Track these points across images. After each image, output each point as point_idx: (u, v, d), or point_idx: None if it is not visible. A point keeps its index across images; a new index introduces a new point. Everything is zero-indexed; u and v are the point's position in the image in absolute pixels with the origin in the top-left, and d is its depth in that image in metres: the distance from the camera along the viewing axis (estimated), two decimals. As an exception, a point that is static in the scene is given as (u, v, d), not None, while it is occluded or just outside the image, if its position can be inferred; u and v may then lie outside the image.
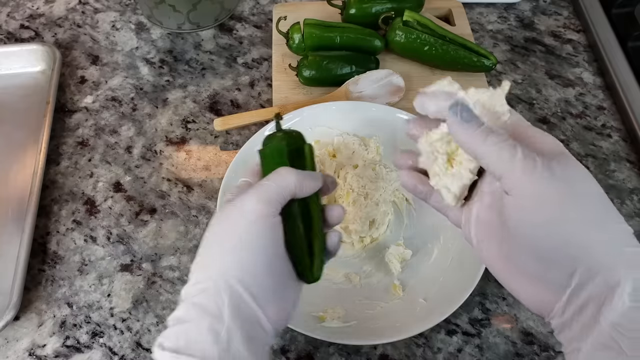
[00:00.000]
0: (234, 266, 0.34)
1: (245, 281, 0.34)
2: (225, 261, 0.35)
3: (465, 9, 0.75)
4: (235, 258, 0.35)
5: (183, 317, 0.34)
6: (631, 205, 0.58)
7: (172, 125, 0.65)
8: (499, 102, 0.34)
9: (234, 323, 0.33)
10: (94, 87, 0.69)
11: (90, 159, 0.62)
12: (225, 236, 0.36)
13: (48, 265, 0.54)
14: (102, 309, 0.52)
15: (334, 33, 0.65)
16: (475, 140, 0.32)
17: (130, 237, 0.56)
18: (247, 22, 0.76)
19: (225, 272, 0.34)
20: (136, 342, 0.50)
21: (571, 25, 0.76)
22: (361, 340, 0.47)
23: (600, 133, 0.64)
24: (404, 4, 0.68)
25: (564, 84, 0.69)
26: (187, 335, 0.33)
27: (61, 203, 0.59)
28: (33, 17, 0.77)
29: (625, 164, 0.61)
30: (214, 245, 0.36)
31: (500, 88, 0.34)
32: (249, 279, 0.34)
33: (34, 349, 0.50)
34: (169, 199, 0.59)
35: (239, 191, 0.38)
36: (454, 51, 0.64)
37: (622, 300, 0.28)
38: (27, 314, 0.52)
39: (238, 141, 0.63)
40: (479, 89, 0.35)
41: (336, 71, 0.64)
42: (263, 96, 0.68)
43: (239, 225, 0.35)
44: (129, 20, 0.76)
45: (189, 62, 0.71)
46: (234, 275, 0.34)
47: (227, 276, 0.34)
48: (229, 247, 0.35)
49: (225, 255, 0.35)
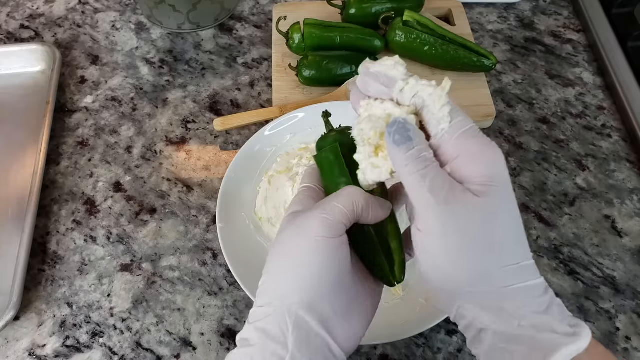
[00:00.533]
0: (297, 291, 0.33)
1: (310, 306, 0.33)
2: (288, 286, 0.33)
3: (465, 9, 0.75)
4: (298, 283, 0.33)
5: (248, 340, 0.33)
6: (631, 205, 0.58)
7: (172, 125, 0.65)
8: (437, 105, 0.32)
9: (298, 350, 0.32)
10: (94, 87, 0.69)
11: (90, 159, 0.62)
12: (288, 259, 0.34)
13: (48, 265, 0.54)
14: (102, 309, 0.52)
15: (334, 33, 0.65)
16: (398, 165, 0.32)
17: (130, 237, 0.56)
18: (247, 22, 0.76)
19: (288, 297, 0.33)
20: (136, 342, 0.50)
21: (571, 25, 0.76)
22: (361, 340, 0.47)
23: (600, 133, 0.64)
24: (404, 4, 0.68)
25: (564, 84, 0.69)
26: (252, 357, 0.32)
27: (61, 203, 0.59)
28: (33, 17, 0.77)
29: (625, 164, 0.62)
30: (278, 268, 0.35)
31: (440, 87, 0.32)
32: (314, 303, 0.33)
33: (34, 349, 0.50)
34: (169, 199, 0.59)
35: (303, 202, 0.37)
36: (454, 51, 0.64)
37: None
38: (27, 314, 0.52)
39: (238, 141, 0.63)
40: (421, 81, 0.32)
41: (336, 71, 0.64)
42: (263, 96, 0.68)
43: (303, 248, 0.34)
44: (129, 20, 0.76)
45: (189, 62, 0.71)
46: (297, 301, 0.33)
47: (291, 302, 0.33)
48: (292, 272, 0.34)
49: (288, 280, 0.34)
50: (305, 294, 0.33)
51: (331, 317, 0.33)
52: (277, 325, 0.32)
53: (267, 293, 0.34)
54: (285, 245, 0.35)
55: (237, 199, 0.55)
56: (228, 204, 0.54)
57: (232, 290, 0.53)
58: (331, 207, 0.35)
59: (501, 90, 0.68)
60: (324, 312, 0.33)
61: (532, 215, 0.57)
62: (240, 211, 0.54)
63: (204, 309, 0.52)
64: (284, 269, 0.34)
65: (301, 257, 0.34)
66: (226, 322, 0.51)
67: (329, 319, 0.33)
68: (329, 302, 0.33)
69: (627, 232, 0.56)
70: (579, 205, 0.58)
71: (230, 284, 0.53)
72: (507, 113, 0.66)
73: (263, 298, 0.34)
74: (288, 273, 0.34)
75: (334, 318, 0.34)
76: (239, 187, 0.56)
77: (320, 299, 0.33)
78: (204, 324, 0.51)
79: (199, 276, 0.54)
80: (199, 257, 0.55)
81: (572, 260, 0.54)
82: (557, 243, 0.56)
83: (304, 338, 0.32)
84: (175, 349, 0.49)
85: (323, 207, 0.35)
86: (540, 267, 0.54)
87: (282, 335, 0.32)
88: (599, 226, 0.57)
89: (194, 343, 0.50)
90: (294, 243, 0.34)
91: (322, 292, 0.33)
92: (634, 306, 0.52)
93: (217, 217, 0.52)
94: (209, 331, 0.50)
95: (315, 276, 0.33)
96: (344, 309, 0.34)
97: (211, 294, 0.52)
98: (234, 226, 0.53)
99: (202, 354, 0.49)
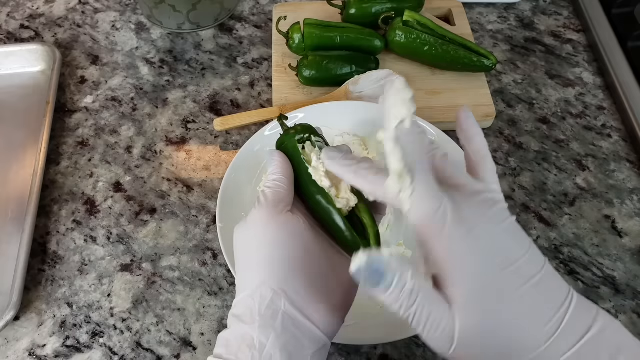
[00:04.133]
0: (258, 276, 0.35)
1: (275, 285, 0.34)
2: (250, 274, 0.35)
3: (465, 9, 0.75)
4: (257, 269, 0.35)
5: (228, 326, 0.35)
6: (631, 205, 0.58)
7: (172, 125, 0.65)
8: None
9: (264, 329, 0.33)
10: (94, 87, 0.69)
11: (90, 159, 0.62)
12: (244, 253, 0.37)
13: (48, 265, 0.54)
14: (102, 309, 0.52)
15: (334, 33, 0.65)
16: (385, 302, 0.30)
17: (130, 237, 0.56)
18: (247, 22, 0.76)
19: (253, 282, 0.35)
20: (136, 342, 0.50)
21: (571, 25, 0.76)
22: (361, 340, 0.47)
23: (600, 133, 0.64)
24: (404, 4, 0.68)
25: (564, 84, 0.69)
26: (227, 342, 0.34)
27: (61, 203, 0.59)
28: (33, 17, 0.77)
29: (625, 164, 0.61)
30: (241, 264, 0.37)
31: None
32: (278, 283, 0.34)
33: (34, 349, 0.50)
34: (169, 199, 0.59)
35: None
36: (454, 51, 0.64)
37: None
38: (27, 314, 0.52)
39: (238, 141, 0.63)
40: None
41: (336, 71, 0.64)
42: (263, 96, 0.68)
43: (251, 237, 0.36)
44: (129, 20, 0.76)
45: (189, 62, 0.71)
46: (258, 284, 0.34)
47: (254, 286, 0.34)
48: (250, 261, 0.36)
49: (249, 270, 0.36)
50: (266, 275, 0.34)
51: (301, 295, 0.34)
52: (248, 308, 0.34)
53: (240, 286, 0.36)
54: (237, 239, 0.38)
55: (237, 199, 0.55)
56: (228, 204, 0.54)
57: (232, 290, 0.53)
58: (262, 191, 0.38)
59: (501, 90, 0.68)
60: (291, 289, 0.34)
61: (532, 215, 0.57)
62: (240, 211, 0.54)
63: (204, 309, 0.52)
64: (245, 262, 0.36)
65: (252, 246, 0.36)
66: (226, 322, 0.51)
67: (298, 296, 0.34)
68: (295, 279, 0.34)
69: (627, 232, 0.56)
70: (579, 205, 0.58)
71: (230, 284, 0.53)
72: (507, 113, 0.66)
73: (239, 290, 0.36)
74: (247, 264, 0.36)
75: (305, 295, 0.34)
76: (239, 187, 0.56)
77: (283, 277, 0.34)
78: (204, 324, 0.51)
79: (199, 276, 0.54)
80: (199, 257, 0.55)
81: (572, 260, 0.54)
82: (557, 243, 0.56)
83: (272, 317, 0.33)
84: (175, 349, 0.49)
85: (258, 196, 0.38)
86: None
87: (251, 317, 0.33)
88: (599, 226, 0.57)
89: (194, 343, 0.50)
90: (244, 236, 0.37)
91: (282, 270, 0.34)
92: (634, 306, 0.52)
93: (217, 217, 0.52)
94: (209, 331, 0.50)
95: (270, 257, 0.35)
96: (315, 285, 0.35)
97: (211, 294, 0.52)
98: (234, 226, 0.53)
99: (202, 354, 0.49)
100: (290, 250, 0.35)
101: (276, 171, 0.39)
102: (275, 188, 0.38)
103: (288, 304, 0.34)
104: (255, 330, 0.33)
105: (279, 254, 0.35)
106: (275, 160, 0.40)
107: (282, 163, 0.39)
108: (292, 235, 0.36)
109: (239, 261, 0.37)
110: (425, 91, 0.65)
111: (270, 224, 0.36)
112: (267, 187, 0.38)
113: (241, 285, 0.36)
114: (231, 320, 0.35)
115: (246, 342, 0.33)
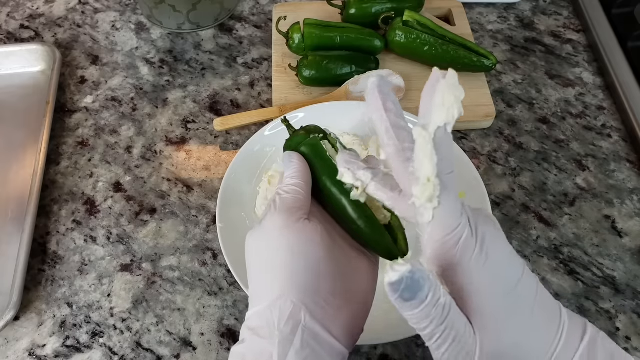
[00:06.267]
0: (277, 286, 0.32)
1: (294, 297, 0.32)
2: (267, 284, 0.33)
3: (465, 9, 0.75)
4: (273, 279, 0.33)
5: (242, 340, 0.33)
6: (631, 205, 0.58)
7: (172, 125, 0.65)
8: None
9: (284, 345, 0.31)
10: (94, 87, 0.69)
11: (90, 159, 0.62)
12: (260, 260, 0.34)
13: (48, 265, 0.54)
14: (102, 309, 0.52)
15: (334, 33, 0.65)
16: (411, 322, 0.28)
17: (130, 237, 0.56)
18: (247, 22, 0.76)
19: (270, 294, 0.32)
20: (136, 342, 0.50)
21: (571, 25, 0.76)
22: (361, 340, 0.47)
23: (600, 133, 0.64)
24: (404, 4, 0.68)
25: (564, 84, 0.69)
26: (243, 357, 0.32)
27: (61, 203, 0.59)
28: (33, 17, 0.77)
29: (625, 164, 0.61)
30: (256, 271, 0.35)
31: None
32: (297, 294, 0.32)
33: (34, 349, 0.50)
34: (169, 199, 0.59)
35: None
36: (454, 51, 0.64)
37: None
38: (27, 314, 0.52)
39: (238, 141, 0.63)
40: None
41: (336, 71, 0.64)
42: (263, 96, 0.68)
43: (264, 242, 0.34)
44: (129, 20, 0.76)
45: (189, 62, 0.71)
46: (278, 295, 0.32)
47: (273, 297, 0.32)
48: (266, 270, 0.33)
49: (265, 279, 0.33)
50: (285, 287, 0.32)
51: (321, 306, 0.32)
52: (265, 321, 0.32)
53: (255, 297, 0.34)
54: (250, 246, 0.35)
55: (237, 199, 0.55)
56: (228, 204, 0.54)
57: (232, 290, 0.53)
58: (277, 195, 0.35)
59: (501, 90, 0.68)
60: (311, 302, 0.32)
61: (532, 215, 0.57)
62: (240, 211, 0.54)
63: (204, 309, 0.52)
64: (259, 272, 0.34)
65: (268, 254, 0.33)
66: (226, 322, 0.51)
67: (318, 307, 0.32)
68: (315, 291, 0.32)
69: (627, 232, 0.56)
70: (579, 205, 0.58)
71: (230, 284, 0.53)
72: (507, 113, 0.66)
73: (253, 302, 0.34)
74: (262, 273, 0.34)
75: (326, 307, 0.32)
76: (239, 187, 0.56)
77: (303, 289, 0.32)
78: (204, 324, 0.51)
79: (199, 276, 0.54)
80: (199, 257, 0.55)
81: (572, 260, 0.54)
82: (557, 243, 0.56)
83: (291, 332, 0.31)
84: (175, 349, 0.49)
85: (273, 200, 0.35)
86: (541, 267, 0.54)
87: (269, 332, 0.31)
88: (599, 226, 0.57)
89: (194, 343, 0.50)
90: (258, 243, 0.35)
91: (302, 282, 0.32)
92: (634, 306, 0.52)
93: (217, 217, 0.52)
94: (209, 331, 0.50)
95: (288, 267, 0.32)
96: (336, 296, 0.33)
97: (211, 294, 0.52)
98: (234, 226, 0.53)
99: (202, 354, 0.49)
100: (310, 260, 0.33)
101: (295, 175, 0.36)
102: (293, 193, 0.35)
103: (309, 317, 0.31)
104: (275, 346, 0.30)
105: (298, 263, 0.32)
106: (294, 163, 0.37)
107: (301, 167, 0.37)
108: (311, 243, 0.33)
109: (252, 270, 0.35)
110: (425, 91, 0.65)
111: (286, 232, 0.33)
112: (284, 191, 0.35)
113: (256, 296, 0.33)
114: (246, 334, 0.32)
115: (264, 358, 0.31)
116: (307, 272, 0.32)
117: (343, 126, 0.59)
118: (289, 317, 0.31)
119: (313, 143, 0.39)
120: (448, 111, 0.27)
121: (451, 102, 0.27)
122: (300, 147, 0.39)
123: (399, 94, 0.64)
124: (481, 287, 0.29)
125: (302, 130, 0.40)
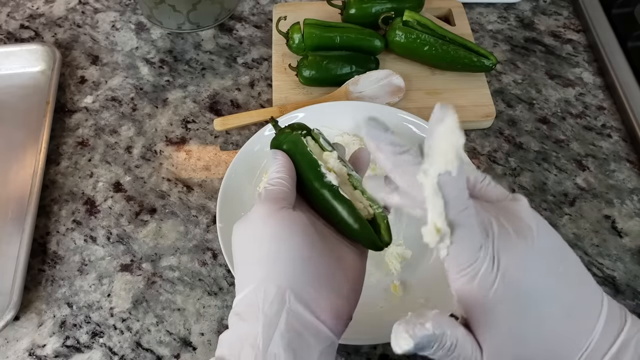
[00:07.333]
0: (261, 271, 0.33)
1: (278, 282, 0.33)
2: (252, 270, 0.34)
3: (465, 9, 0.75)
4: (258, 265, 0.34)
5: (230, 325, 0.34)
6: (631, 205, 0.58)
7: (172, 125, 0.65)
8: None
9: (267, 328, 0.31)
10: (94, 87, 0.69)
11: (90, 159, 0.62)
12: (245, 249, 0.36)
13: (48, 265, 0.54)
14: (102, 309, 0.52)
15: (334, 33, 0.65)
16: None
17: (130, 237, 0.56)
18: (247, 22, 0.76)
19: (254, 279, 0.33)
20: (136, 342, 0.50)
21: (571, 25, 0.76)
22: (361, 340, 0.47)
23: (600, 133, 0.64)
24: (404, 4, 0.68)
25: (564, 84, 0.69)
26: (229, 342, 0.33)
27: (61, 203, 0.59)
28: (33, 17, 0.77)
29: (625, 164, 0.61)
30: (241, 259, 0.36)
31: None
32: (282, 279, 0.33)
33: (34, 349, 0.50)
34: (169, 199, 0.59)
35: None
36: (454, 51, 0.64)
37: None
38: (27, 314, 0.52)
39: (238, 141, 0.63)
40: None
41: (336, 71, 0.64)
42: (263, 96, 0.68)
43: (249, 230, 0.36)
44: (129, 20, 0.76)
45: (189, 62, 0.71)
46: (262, 279, 0.33)
47: (257, 282, 0.33)
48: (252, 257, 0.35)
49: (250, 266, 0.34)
50: (269, 270, 0.33)
51: (306, 290, 0.33)
52: (250, 305, 0.32)
53: (240, 283, 0.35)
54: (240, 238, 0.36)
55: (237, 199, 0.55)
56: (228, 204, 0.54)
57: (232, 290, 0.53)
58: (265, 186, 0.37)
59: (501, 90, 0.68)
60: (296, 284, 0.32)
61: (532, 215, 0.57)
62: (240, 211, 0.54)
63: (204, 309, 0.52)
64: (244, 259, 0.35)
65: (252, 242, 0.35)
66: (226, 322, 0.51)
67: (303, 291, 0.32)
68: (300, 274, 0.33)
69: (627, 232, 0.56)
70: (579, 205, 0.58)
71: (230, 284, 0.53)
72: (507, 113, 0.66)
73: (239, 289, 0.35)
74: (247, 260, 0.35)
75: (311, 291, 0.33)
76: (239, 187, 0.56)
77: (287, 272, 0.33)
78: (204, 324, 0.51)
79: (199, 276, 0.54)
80: (199, 257, 0.55)
81: (572, 260, 0.54)
82: (557, 243, 0.56)
83: (276, 315, 0.31)
84: (175, 349, 0.49)
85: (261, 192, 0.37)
86: (540, 267, 0.54)
87: (254, 315, 0.32)
88: (599, 226, 0.57)
89: (194, 343, 0.50)
90: (243, 232, 0.36)
91: (285, 265, 0.33)
92: (634, 306, 0.52)
93: (217, 217, 0.52)
94: (209, 331, 0.50)
95: (272, 252, 0.33)
96: (321, 280, 0.33)
97: (211, 294, 0.52)
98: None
99: (202, 354, 0.49)
100: (293, 245, 0.34)
101: (279, 169, 0.39)
102: (277, 186, 0.37)
103: (293, 299, 0.32)
104: (259, 328, 0.31)
105: (282, 248, 0.34)
106: (278, 159, 0.40)
107: (285, 162, 0.39)
108: (294, 229, 0.34)
109: (237, 258, 0.36)
110: (425, 91, 0.65)
111: (270, 220, 0.34)
112: (270, 184, 0.38)
113: (241, 282, 0.35)
114: (232, 320, 0.34)
115: (249, 342, 0.31)
116: (291, 256, 0.33)
117: (343, 126, 0.59)
118: (273, 299, 0.32)
119: (294, 140, 0.41)
120: (447, 158, 0.26)
121: (448, 151, 0.26)
122: (282, 145, 0.41)
123: (399, 94, 0.64)
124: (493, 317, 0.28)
125: (288, 128, 0.42)
